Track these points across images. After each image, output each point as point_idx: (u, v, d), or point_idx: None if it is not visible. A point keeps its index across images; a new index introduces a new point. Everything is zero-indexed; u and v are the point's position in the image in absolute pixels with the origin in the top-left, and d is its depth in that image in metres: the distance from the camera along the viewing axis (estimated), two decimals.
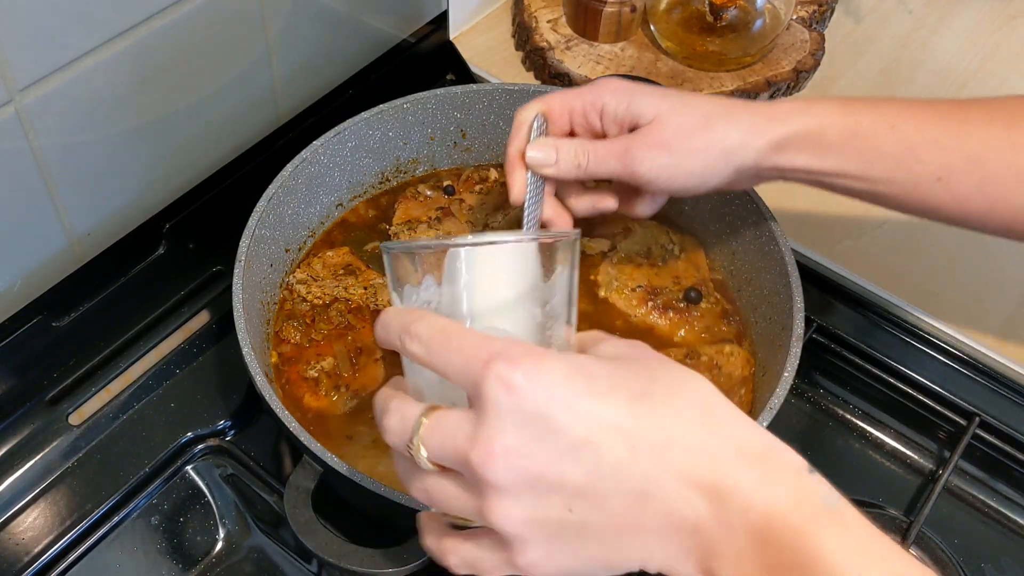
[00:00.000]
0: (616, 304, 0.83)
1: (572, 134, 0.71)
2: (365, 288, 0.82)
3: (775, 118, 0.66)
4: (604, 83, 0.68)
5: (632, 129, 0.68)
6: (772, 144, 0.66)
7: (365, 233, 0.87)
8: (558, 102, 0.70)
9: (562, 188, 0.73)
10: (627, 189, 0.73)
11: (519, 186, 0.70)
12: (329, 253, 0.85)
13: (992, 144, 0.63)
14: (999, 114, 0.64)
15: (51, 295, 0.78)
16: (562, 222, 0.72)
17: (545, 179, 0.70)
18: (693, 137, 0.66)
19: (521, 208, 0.71)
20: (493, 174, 0.91)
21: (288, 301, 0.81)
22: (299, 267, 0.83)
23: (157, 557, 0.74)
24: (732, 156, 0.66)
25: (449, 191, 0.90)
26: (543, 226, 0.72)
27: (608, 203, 0.73)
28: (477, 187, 0.90)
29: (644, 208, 0.73)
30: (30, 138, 0.72)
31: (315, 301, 0.81)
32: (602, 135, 0.69)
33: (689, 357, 0.78)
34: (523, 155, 0.69)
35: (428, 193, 0.89)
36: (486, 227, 0.87)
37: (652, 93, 0.67)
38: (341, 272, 0.83)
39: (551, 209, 0.72)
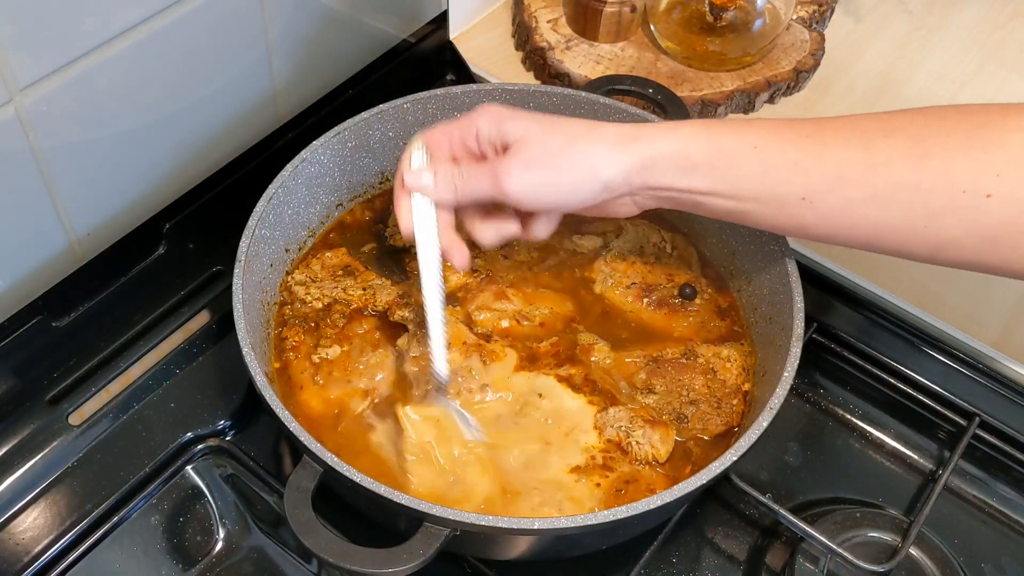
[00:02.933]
0: (612, 300, 0.83)
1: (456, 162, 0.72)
2: (364, 289, 0.82)
3: (639, 138, 0.67)
4: (480, 109, 0.70)
5: (506, 151, 0.69)
6: (638, 163, 0.67)
7: (361, 235, 0.88)
8: (438, 132, 0.72)
9: (465, 218, 0.73)
10: (523, 211, 0.73)
11: (405, 216, 0.71)
12: (328, 254, 0.85)
13: (849, 165, 0.64)
14: (856, 134, 0.65)
15: (51, 295, 0.78)
16: (459, 254, 0.72)
17: (436, 210, 0.71)
18: (558, 155, 0.67)
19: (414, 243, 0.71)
20: None
21: (288, 304, 0.81)
22: (298, 268, 0.84)
23: (157, 557, 0.74)
24: (597, 172, 0.67)
25: None
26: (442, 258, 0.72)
27: (511, 228, 0.73)
28: None
29: (539, 229, 0.73)
30: (30, 138, 0.72)
31: (314, 304, 0.81)
32: (482, 159, 0.71)
33: (686, 356, 0.78)
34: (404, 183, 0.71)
35: None
36: None
37: (523, 116, 0.69)
38: (340, 273, 0.83)
39: (447, 240, 0.72)
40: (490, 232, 0.73)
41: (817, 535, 0.71)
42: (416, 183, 0.71)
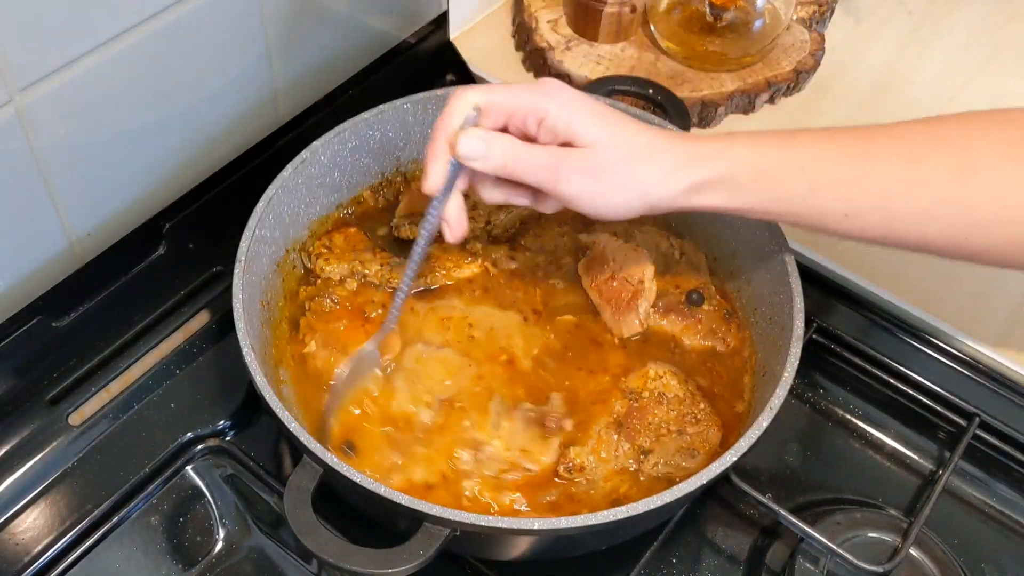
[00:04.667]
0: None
1: (503, 130, 0.68)
2: (381, 265, 0.82)
3: (694, 162, 0.67)
4: (551, 91, 0.67)
5: (563, 144, 0.67)
6: (688, 188, 0.67)
7: (375, 221, 0.88)
8: (501, 98, 0.67)
9: (478, 178, 0.70)
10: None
11: (439, 175, 0.67)
12: (352, 230, 0.85)
13: (893, 182, 0.65)
14: (902, 147, 0.66)
15: (51, 295, 0.78)
16: (459, 227, 0.70)
17: (459, 173, 0.68)
18: (618, 171, 0.66)
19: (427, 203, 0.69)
20: None
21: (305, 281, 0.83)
22: (319, 239, 0.84)
23: (157, 557, 0.75)
24: (648, 195, 0.67)
25: None
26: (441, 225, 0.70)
27: (522, 200, 0.71)
28: None
29: (549, 206, 0.71)
30: (30, 138, 0.72)
31: (331, 275, 0.81)
32: (532, 139, 0.68)
33: (632, 399, 0.76)
34: (451, 144, 0.67)
35: None
36: (488, 223, 0.87)
37: (594, 117, 0.66)
38: (360, 247, 0.84)
39: (455, 209, 0.69)
40: (499, 196, 0.70)
41: (817, 535, 0.71)
42: (469, 150, 0.66)
